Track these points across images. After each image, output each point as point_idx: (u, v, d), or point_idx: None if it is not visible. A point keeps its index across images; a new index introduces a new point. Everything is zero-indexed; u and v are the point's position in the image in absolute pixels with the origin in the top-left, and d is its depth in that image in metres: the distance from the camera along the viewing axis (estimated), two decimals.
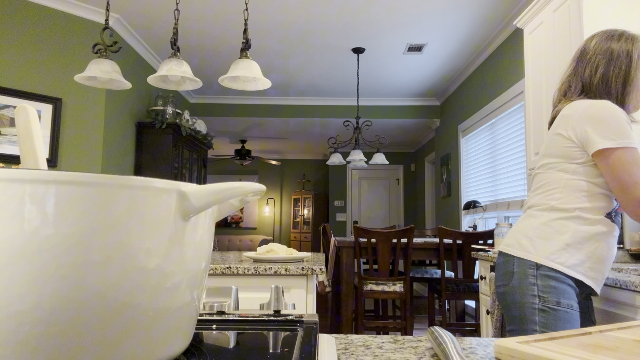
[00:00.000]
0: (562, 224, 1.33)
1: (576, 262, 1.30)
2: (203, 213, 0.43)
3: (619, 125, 1.26)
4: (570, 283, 1.30)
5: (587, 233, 1.31)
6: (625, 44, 1.36)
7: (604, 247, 1.31)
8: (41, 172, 0.33)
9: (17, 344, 0.33)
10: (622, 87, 1.35)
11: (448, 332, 0.55)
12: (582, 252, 1.30)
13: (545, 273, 1.31)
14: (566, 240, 1.31)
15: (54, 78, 3.62)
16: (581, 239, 1.31)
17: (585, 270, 1.30)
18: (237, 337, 0.56)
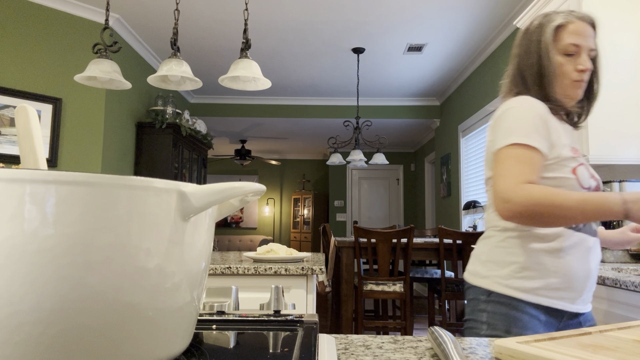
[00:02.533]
0: (515, 243, 1.15)
1: (537, 285, 1.11)
2: (203, 213, 0.43)
3: (518, 122, 1.11)
4: (530, 310, 1.11)
5: (545, 251, 1.12)
6: (536, 32, 1.22)
7: (574, 262, 1.11)
8: (41, 172, 0.33)
9: (17, 344, 0.33)
10: (538, 79, 1.19)
11: (448, 332, 0.55)
12: (543, 272, 1.12)
13: (497, 300, 1.14)
14: (522, 262, 1.13)
15: (54, 78, 3.62)
16: (540, 259, 1.12)
17: (549, 292, 1.11)
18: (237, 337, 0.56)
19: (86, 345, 0.35)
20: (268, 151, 9.57)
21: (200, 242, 0.43)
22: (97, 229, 0.35)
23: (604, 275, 1.58)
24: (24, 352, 0.33)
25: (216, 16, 3.91)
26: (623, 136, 2.20)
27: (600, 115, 2.20)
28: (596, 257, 1.16)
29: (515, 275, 1.14)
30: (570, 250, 1.12)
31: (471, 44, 4.46)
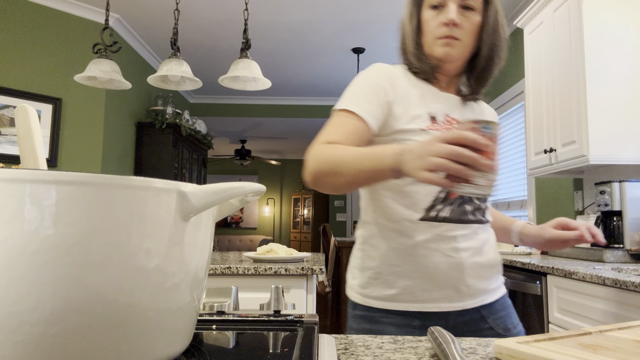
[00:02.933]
0: (371, 244, 1.01)
1: (395, 291, 0.96)
2: (203, 213, 0.43)
3: (350, 90, 0.99)
4: (396, 320, 0.96)
5: (399, 249, 0.97)
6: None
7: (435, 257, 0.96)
8: (41, 172, 0.33)
9: (17, 344, 0.33)
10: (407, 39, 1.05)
11: (448, 332, 0.55)
12: (401, 274, 0.96)
13: (360, 314, 1.01)
14: (377, 267, 0.99)
15: (54, 78, 3.62)
16: (395, 259, 0.97)
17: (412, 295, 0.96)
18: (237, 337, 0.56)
19: (86, 345, 0.35)
20: (268, 151, 9.57)
21: (200, 242, 0.43)
22: (97, 229, 0.35)
23: (603, 275, 1.58)
24: (24, 352, 0.33)
25: (216, 16, 3.91)
26: (623, 136, 2.20)
27: (600, 115, 2.20)
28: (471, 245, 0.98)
29: (373, 282, 0.99)
30: (429, 244, 0.95)
31: None
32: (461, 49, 1.00)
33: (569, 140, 2.37)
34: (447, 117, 1.01)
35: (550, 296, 1.98)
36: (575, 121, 2.30)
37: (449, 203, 0.97)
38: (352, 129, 0.93)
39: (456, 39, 0.98)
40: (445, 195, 0.97)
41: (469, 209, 0.98)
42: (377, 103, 0.96)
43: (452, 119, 1.02)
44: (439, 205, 0.96)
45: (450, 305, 0.96)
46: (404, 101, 0.99)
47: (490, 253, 1.03)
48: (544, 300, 2.03)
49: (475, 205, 1.00)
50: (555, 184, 3.20)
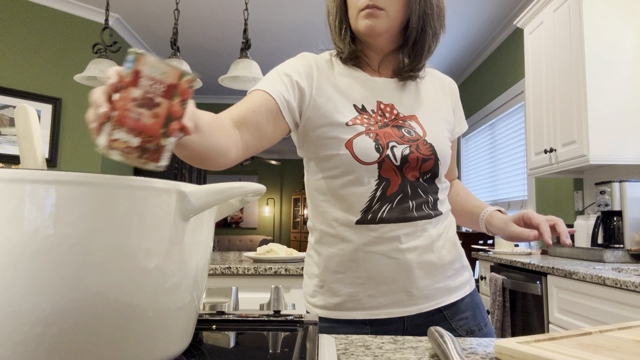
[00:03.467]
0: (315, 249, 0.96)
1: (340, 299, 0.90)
2: (203, 213, 0.43)
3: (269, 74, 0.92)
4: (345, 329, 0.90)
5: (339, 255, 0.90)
6: None
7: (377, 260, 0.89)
8: (41, 172, 0.33)
9: (17, 344, 0.33)
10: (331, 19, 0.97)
11: (448, 332, 0.55)
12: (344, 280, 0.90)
13: None
14: (319, 273, 0.93)
15: (54, 78, 3.62)
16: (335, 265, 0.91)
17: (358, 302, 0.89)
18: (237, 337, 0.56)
19: (86, 345, 0.35)
20: (268, 151, 9.57)
21: (200, 242, 0.43)
22: (97, 229, 0.35)
23: (604, 275, 1.58)
24: (24, 352, 0.33)
25: (216, 16, 3.91)
26: (623, 136, 2.21)
27: (601, 115, 2.20)
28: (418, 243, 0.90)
29: (319, 291, 0.93)
30: (370, 248, 0.89)
31: (471, 44, 4.46)
32: (386, 20, 0.88)
33: (569, 140, 2.37)
34: (381, 104, 0.92)
35: (550, 296, 1.98)
36: (576, 121, 2.30)
37: (387, 201, 0.88)
38: (253, 100, 0.84)
39: (379, 9, 0.87)
40: (381, 194, 0.88)
41: (410, 204, 0.89)
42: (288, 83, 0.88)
43: (386, 105, 0.92)
44: (376, 205, 0.88)
45: (403, 310, 0.88)
46: (324, 93, 0.90)
47: (445, 249, 0.93)
48: (544, 300, 2.03)
49: (421, 199, 0.90)
50: (555, 184, 3.20)
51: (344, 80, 0.93)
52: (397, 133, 0.90)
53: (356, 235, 0.89)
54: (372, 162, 0.86)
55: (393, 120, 0.91)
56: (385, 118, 0.91)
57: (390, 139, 0.88)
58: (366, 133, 0.88)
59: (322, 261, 0.93)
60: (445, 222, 0.96)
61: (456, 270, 0.95)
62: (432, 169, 0.91)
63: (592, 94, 2.21)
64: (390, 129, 0.90)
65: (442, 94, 1.02)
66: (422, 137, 0.91)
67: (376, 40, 0.92)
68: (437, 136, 0.93)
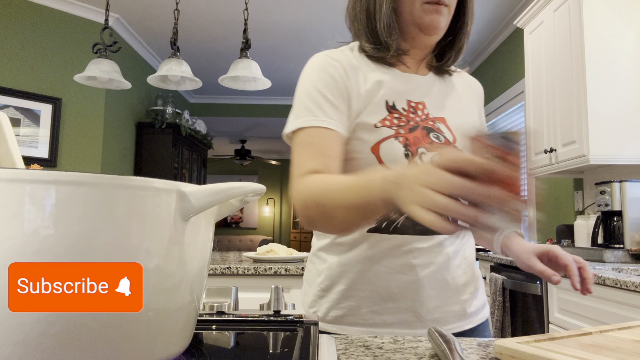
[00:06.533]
0: (320, 256, 0.89)
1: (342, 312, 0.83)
2: (203, 213, 0.43)
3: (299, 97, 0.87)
4: None
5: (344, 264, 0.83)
6: None
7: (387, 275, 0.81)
8: (41, 172, 0.33)
9: (17, 344, 0.33)
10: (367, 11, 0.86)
11: (448, 332, 0.55)
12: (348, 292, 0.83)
13: None
14: (323, 282, 0.86)
15: (54, 78, 3.62)
16: (341, 275, 0.84)
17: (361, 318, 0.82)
18: (237, 337, 0.56)
19: (86, 345, 0.35)
20: (268, 151, 9.57)
21: (200, 242, 0.43)
22: (97, 229, 0.35)
23: (604, 275, 1.58)
24: (24, 352, 0.33)
25: (216, 16, 3.91)
26: (623, 136, 2.20)
27: (601, 115, 2.20)
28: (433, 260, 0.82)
29: (319, 301, 0.86)
30: (379, 260, 0.81)
31: (471, 44, 4.46)
32: (447, 17, 0.83)
33: (569, 140, 2.37)
34: (411, 102, 0.85)
35: (550, 296, 1.98)
36: (576, 121, 2.30)
37: None
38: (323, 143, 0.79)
39: (445, 5, 0.81)
40: None
41: None
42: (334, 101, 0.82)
43: (417, 103, 0.85)
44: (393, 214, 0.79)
45: (409, 332, 0.80)
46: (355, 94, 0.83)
47: (461, 269, 0.85)
48: (544, 300, 2.03)
49: None
50: (555, 184, 3.20)
51: (373, 76, 0.84)
52: (426, 138, 0.82)
53: (366, 244, 0.81)
54: None
55: (423, 120, 0.84)
56: (416, 116, 0.84)
57: (420, 145, 0.81)
58: (395, 137, 0.80)
59: (325, 269, 0.86)
60: (464, 239, 0.88)
61: (472, 293, 0.87)
62: None
63: (592, 94, 2.21)
64: (420, 132, 0.82)
65: (469, 95, 0.96)
66: (451, 143, 0.84)
67: (432, 39, 0.85)
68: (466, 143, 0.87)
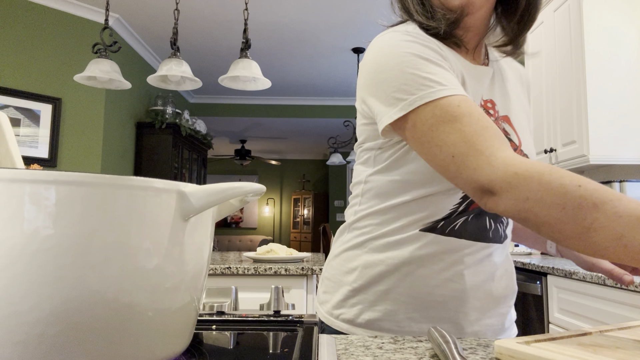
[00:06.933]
0: (354, 253, 0.80)
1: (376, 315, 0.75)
2: (203, 213, 0.43)
3: (403, 74, 0.66)
4: None
5: (387, 263, 0.75)
6: None
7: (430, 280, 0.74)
8: (41, 173, 0.33)
9: (17, 344, 0.33)
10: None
11: (448, 332, 0.55)
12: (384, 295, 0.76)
13: None
14: (355, 281, 0.78)
15: (54, 78, 3.62)
16: (379, 275, 0.76)
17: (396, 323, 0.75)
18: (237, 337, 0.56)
19: (86, 345, 0.35)
20: (268, 151, 9.57)
21: (200, 242, 0.43)
22: (97, 229, 0.35)
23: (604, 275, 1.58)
24: (24, 352, 0.33)
25: (216, 16, 3.91)
26: (623, 136, 2.20)
27: (601, 115, 2.20)
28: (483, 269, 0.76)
29: (349, 301, 0.78)
30: (427, 263, 0.74)
31: None
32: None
33: (569, 140, 2.37)
34: (481, 99, 0.75)
35: (550, 296, 1.98)
36: (576, 121, 2.30)
37: (464, 214, 0.73)
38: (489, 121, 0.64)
39: None
40: (464, 209, 0.73)
41: (488, 223, 0.75)
42: None
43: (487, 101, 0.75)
44: (453, 218, 0.73)
45: None
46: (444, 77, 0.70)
47: (504, 280, 0.79)
48: (544, 301, 2.03)
49: (499, 218, 0.76)
50: None
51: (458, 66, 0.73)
52: None
53: (417, 244, 0.74)
54: None
55: (494, 121, 0.74)
56: (490, 116, 0.73)
57: None
58: None
59: (360, 266, 0.78)
60: (507, 249, 0.82)
61: (510, 306, 0.81)
62: None
63: (592, 94, 2.21)
64: None
65: (520, 86, 0.84)
66: (518, 146, 0.76)
67: (472, 19, 0.73)
68: (529, 145, 0.78)
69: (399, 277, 0.75)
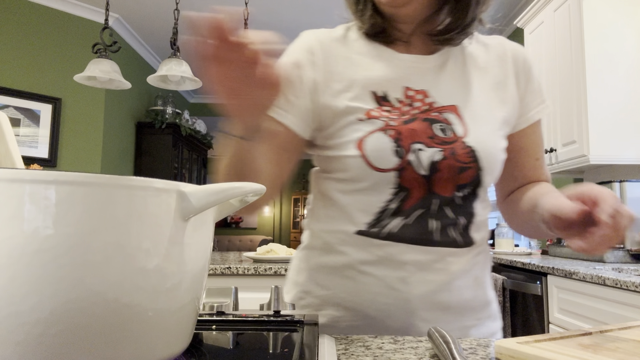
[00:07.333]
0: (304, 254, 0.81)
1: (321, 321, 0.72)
2: (203, 213, 0.43)
3: None
4: None
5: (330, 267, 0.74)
6: None
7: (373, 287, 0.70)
8: (41, 173, 0.33)
9: (17, 345, 0.33)
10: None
11: (448, 332, 0.55)
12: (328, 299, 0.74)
13: None
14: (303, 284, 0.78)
15: (54, 78, 3.62)
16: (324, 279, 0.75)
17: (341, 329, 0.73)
18: (237, 337, 0.56)
19: (86, 345, 0.35)
20: None
21: (200, 242, 0.43)
22: (97, 229, 0.35)
23: (604, 275, 1.58)
24: (24, 353, 0.33)
25: None
26: (623, 136, 2.20)
27: (601, 115, 2.20)
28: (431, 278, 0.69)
29: (300, 303, 0.76)
30: (367, 268, 0.70)
31: None
32: None
33: (569, 140, 2.37)
34: (409, 90, 0.72)
35: (550, 296, 1.98)
36: (576, 121, 2.30)
37: (402, 215, 0.68)
38: None
39: None
40: (397, 206, 0.68)
41: (434, 225, 0.69)
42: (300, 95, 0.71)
43: (417, 91, 0.71)
44: (387, 218, 0.68)
45: None
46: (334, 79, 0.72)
47: (468, 291, 0.72)
48: (544, 301, 2.03)
49: (448, 220, 0.69)
50: (555, 184, 3.20)
51: (362, 60, 0.73)
52: (427, 131, 0.68)
53: (353, 248, 0.70)
54: (389, 168, 0.67)
55: (425, 111, 0.70)
56: (413, 108, 0.70)
57: (416, 139, 0.67)
58: (384, 130, 0.67)
59: (307, 268, 0.77)
60: (478, 256, 0.74)
61: (480, 320, 0.74)
62: (471, 183, 0.69)
63: (593, 94, 2.21)
64: (419, 125, 0.68)
65: (500, 70, 0.76)
66: (461, 137, 0.69)
67: (402, 11, 0.70)
68: (481, 136, 0.70)
69: (340, 282, 0.72)
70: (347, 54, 0.74)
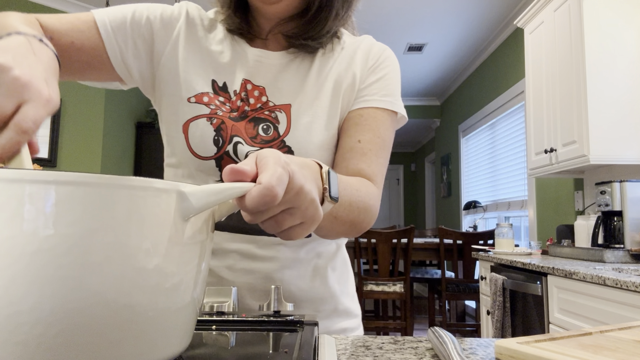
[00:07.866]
0: None
1: None
2: (203, 213, 0.43)
3: None
4: None
5: None
6: None
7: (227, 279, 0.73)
8: (41, 173, 0.33)
9: (17, 345, 0.33)
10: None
11: (448, 333, 0.55)
12: None
13: None
14: None
15: None
16: None
17: None
18: (237, 337, 0.56)
19: (86, 345, 0.35)
20: None
21: (200, 242, 0.43)
22: (97, 230, 0.35)
23: (604, 275, 1.58)
24: (24, 353, 0.33)
25: None
26: (623, 136, 2.20)
27: (601, 115, 2.20)
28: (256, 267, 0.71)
29: None
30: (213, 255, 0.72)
31: (471, 44, 4.46)
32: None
33: (569, 140, 2.37)
34: (248, 84, 0.72)
35: (550, 296, 1.98)
36: (576, 121, 2.30)
37: None
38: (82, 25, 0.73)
39: None
40: None
41: None
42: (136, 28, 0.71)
43: (255, 87, 0.72)
44: None
45: None
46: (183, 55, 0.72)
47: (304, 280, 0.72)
48: (544, 301, 2.03)
49: None
50: (555, 184, 3.20)
51: (216, 48, 0.74)
52: (251, 131, 0.70)
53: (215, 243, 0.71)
54: (208, 156, 0.68)
55: (257, 110, 0.71)
56: (247, 105, 0.71)
57: (237, 133, 0.69)
58: (208, 117, 0.68)
59: None
60: (320, 247, 0.75)
61: (322, 312, 0.74)
62: None
63: (593, 94, 2.21)
64: (245, 125, 0.70)
65: (345, 68, 0.76)
66: (280, 136, 0.70)
67: (273, 8, 0.70)
68: (301, 135, 0.71)
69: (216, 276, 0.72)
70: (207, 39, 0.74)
